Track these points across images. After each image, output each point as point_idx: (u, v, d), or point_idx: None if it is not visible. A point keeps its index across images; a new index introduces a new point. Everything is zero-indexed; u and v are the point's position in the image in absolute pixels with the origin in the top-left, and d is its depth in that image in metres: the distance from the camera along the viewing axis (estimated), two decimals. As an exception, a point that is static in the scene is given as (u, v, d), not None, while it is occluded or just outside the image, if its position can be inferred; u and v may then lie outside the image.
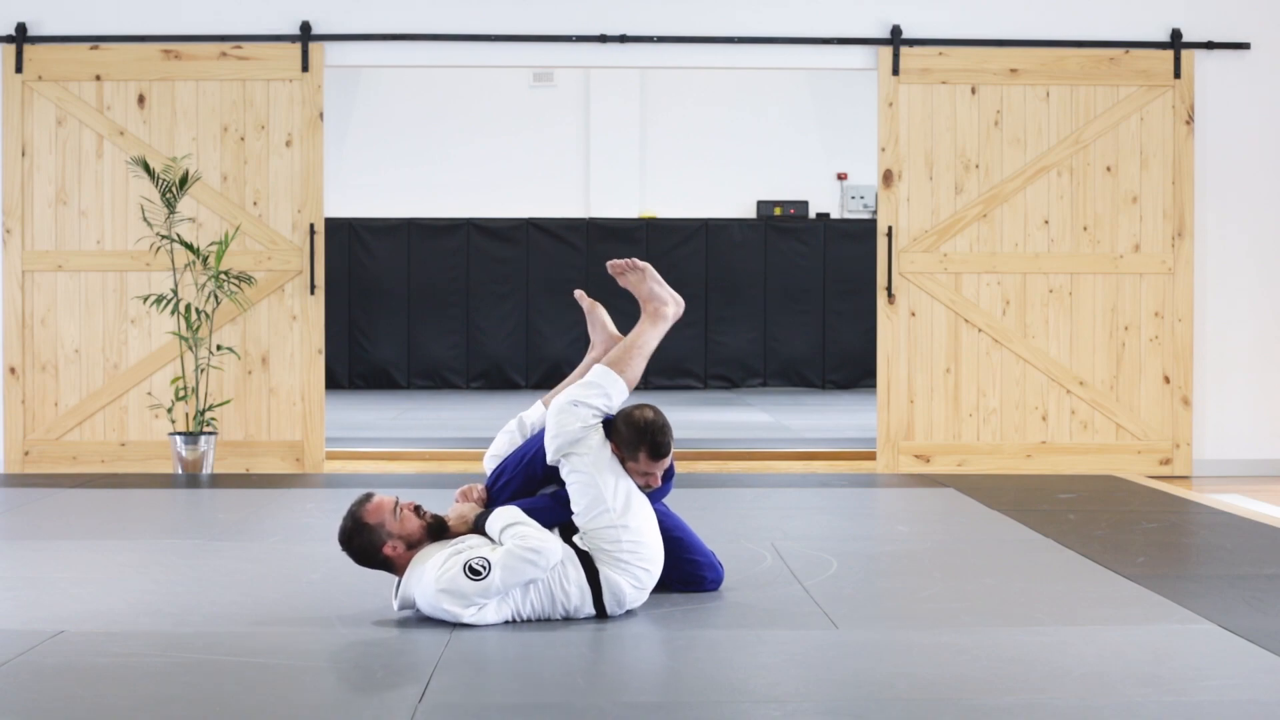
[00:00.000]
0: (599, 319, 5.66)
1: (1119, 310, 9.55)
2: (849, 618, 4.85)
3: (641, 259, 5.59)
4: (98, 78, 9.45)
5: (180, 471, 8.98)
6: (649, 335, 5.33)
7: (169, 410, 9.17)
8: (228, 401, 9.36)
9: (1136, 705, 3.88)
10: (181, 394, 9.14)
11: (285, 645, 4.53)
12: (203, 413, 9.10)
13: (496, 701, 3.94)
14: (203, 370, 9.19)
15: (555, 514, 5.01)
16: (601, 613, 4.88)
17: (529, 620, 4.80)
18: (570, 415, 5.02)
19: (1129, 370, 9.56)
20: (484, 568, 4.71)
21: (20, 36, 9.41)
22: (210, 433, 9.08)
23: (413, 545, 4.89)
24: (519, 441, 5.32)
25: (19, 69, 9.41)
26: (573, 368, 20.58)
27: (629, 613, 4.93)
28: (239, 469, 9.39)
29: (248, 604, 5.14)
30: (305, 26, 9.46)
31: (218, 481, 8.66)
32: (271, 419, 9.50)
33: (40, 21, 9.47)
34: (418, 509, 4.95)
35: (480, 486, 5.21)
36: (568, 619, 4.84)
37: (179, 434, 9.01)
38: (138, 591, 5.35)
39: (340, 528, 4.95)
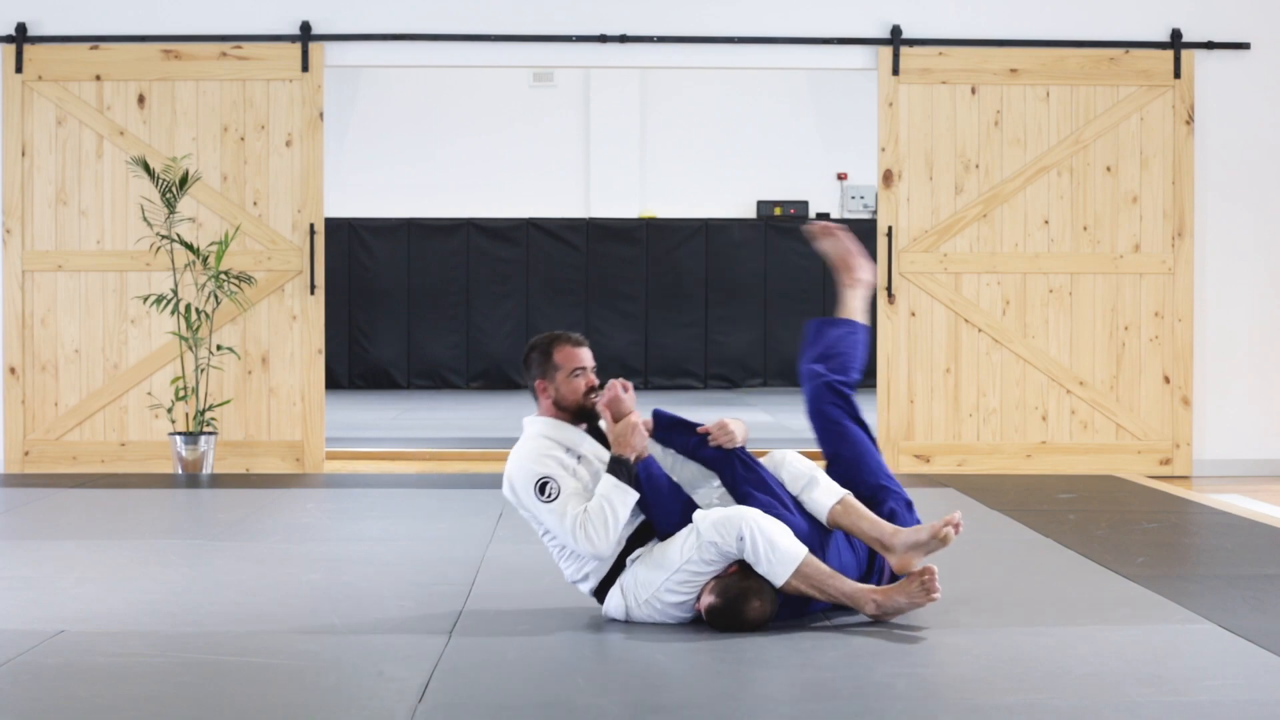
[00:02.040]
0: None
1: (1119, 310, 9.55)
2: (849, 617, 4.85)
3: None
4: (98, 78, 9.45)
5: (180, 471, 8.98)
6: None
7: (169, 410, 9.17)
8: (228, 401, 9.36)
9: (1136, 705, 3.88)
10: (181, 394, 9.14)
11: (285, 645, 4.53)
12: (203, 413, 9.10)
13: (496, 701, 3.94)
14: (203, 370, 9.19)
15: (671, 510, 4.79)
16: (599, 593, 4.85)
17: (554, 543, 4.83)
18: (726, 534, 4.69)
19: (1129, 370, 9.56)
20: (553, 496, 4.70)
21: (20, 36, 9.41)
22: (210, 433, 9.08)
23: (559, 405, 4.86)
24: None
25: (19, 69, 9.41)
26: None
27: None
28: (239, 469, 9.39)
29: (248, 604, 5.14)
30: (305, 26, 9.45)
31: (218, 481, 8.66)
32: (271, 419, 9.50)
33: (40, 21, 9.47)
34: (595, 389, 4.83)
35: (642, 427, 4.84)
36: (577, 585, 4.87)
37: (179, 434, 9.01)
38: (138, 591, 5.34)
39: (537, 338, 4.96)
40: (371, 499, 7.96)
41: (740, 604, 4.62)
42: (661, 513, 4.77)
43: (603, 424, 4.88)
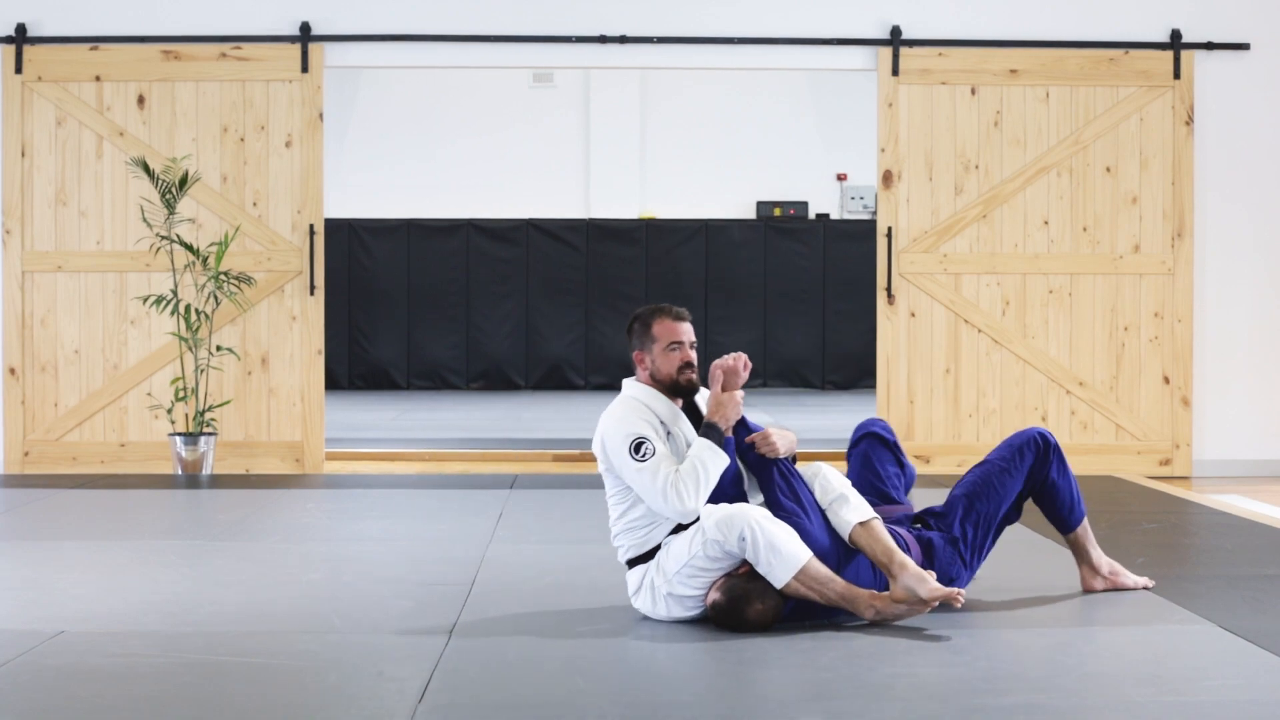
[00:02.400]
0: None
1: (1119, 310, 9.55)
2: (849, 618, 4.85)
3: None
4: (97, 78, 9.45)
5: (180, 472, 8.98)
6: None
7: (169, 411, 9.17)
8: (227, 402, 9.36)
9: (1136, 705, 3.88)
10: (181, 394, 9.14)
11: (285, 645, 4.53)
12: (202, 413, 9.10)
13: (496, 701, 3.94)
14: (202, 371, 9.19)
15: (730, 496, 4.84)
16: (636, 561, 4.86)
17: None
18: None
19: (1129, 371, 9.56)
20: (646, 456, 4.72)
21: (20, 37, 9.41)
22: (210, 433, 9.08)
23: (655, 377, 4.89)
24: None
25: (19, 69, 9.41)
26: (572, 368, 20.44)
27: (628, 612, 4.93)
28: (239, 469, 9.39)
29: (248, 604, 5.14)
30: (305, 27, 9.46)
31: (217, 482, 8.67)
32: (271, 419, 9.50)
33: (40, 22, 9.47)
34: (690, 365, 4.89)
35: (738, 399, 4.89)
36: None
37: (179, 434, 9.01)
38: (138, 591, 5.35)
39: (642, 309, 5.00)
40: (371, 499, 7.96)
41: (742, 605, 4.64)
42: (723, 496, 4.83)
43: (700, 397, 4.96)
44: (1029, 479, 5.10)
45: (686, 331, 4.93)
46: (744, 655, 4.41)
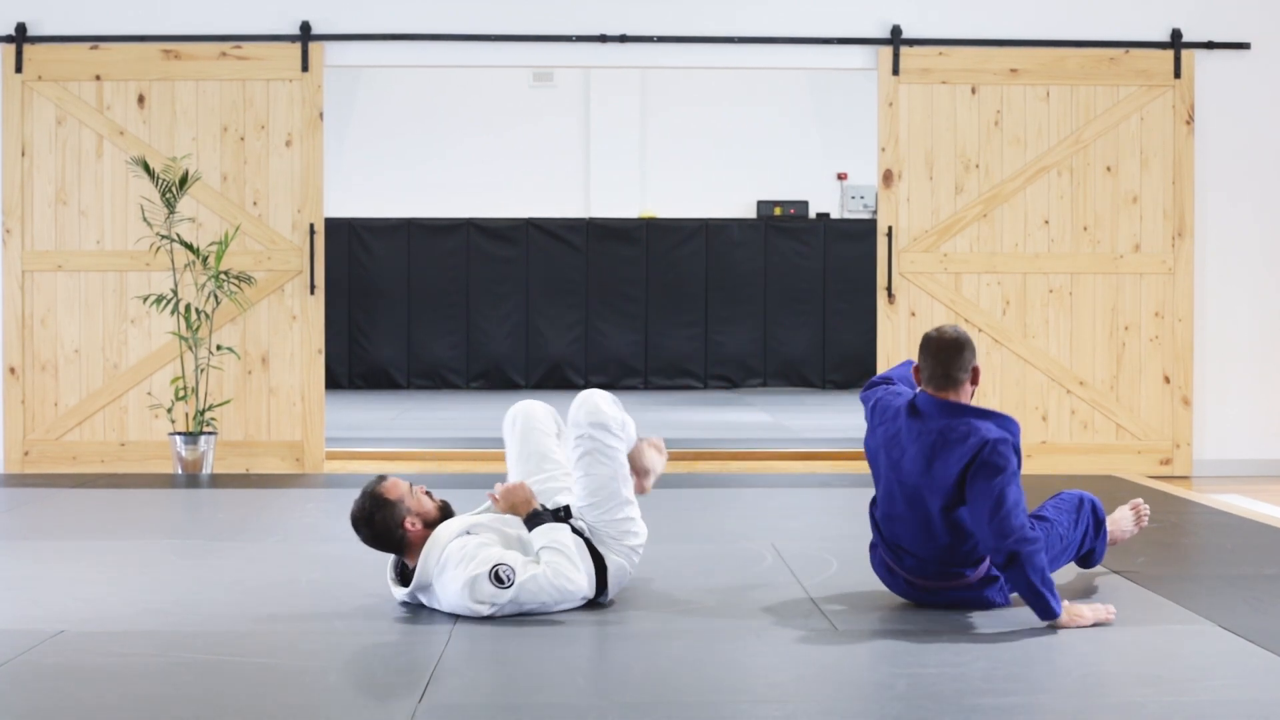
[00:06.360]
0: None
1: (1119, 310, 9.55)
2: (849, 618, 4.85)
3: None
4: (97, 78, 9.45)
5: (180, 471, 8.98)
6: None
7: (169, 410, 9.17)
8: (228, 401, 9.36)
9: (1136, 705, 3.88)
10: (181, 394, 9.14)
11: (285, 645, 4.53)
12: (202, 413, 9.10)
13: (496, 701, 3.94)
14: (202, 370, 9.19)
15: None
16: (599, 592, 4.97)
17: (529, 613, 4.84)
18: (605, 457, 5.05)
19: (1129, 370, 9.56)
20: (509, 579, 4.73)
21: (20, 36, 9.41)
22: (210, 433, 9.08)
23: (429, 524, 4.91)
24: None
25: (19, 69, 9.41)
26: (573, 368, 20.47)
27: (629, 612, 4.93)
28: (239, 469, 9.39)
29: (248, 604, 5.14)
30: (305, 26, 9.46)
31: (218, 481, 8.67)
32: (271, 419, 9.50)
33: (40, 21, 9.47)
34: (428, 492, 5.02)
35: (525, 486, 5.11)
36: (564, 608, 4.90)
37: (179, 434, 9.01)
38: (138, 591, 5.34)
39: (356, 507, 4.94)
40: (371, 499, 7.94)
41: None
42: None
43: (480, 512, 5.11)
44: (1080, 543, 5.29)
45: (419, 489, 5.02)
46: (744, 655, 4.41)
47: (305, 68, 9.44)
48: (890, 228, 9.51)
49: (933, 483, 4.79)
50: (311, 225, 9.48)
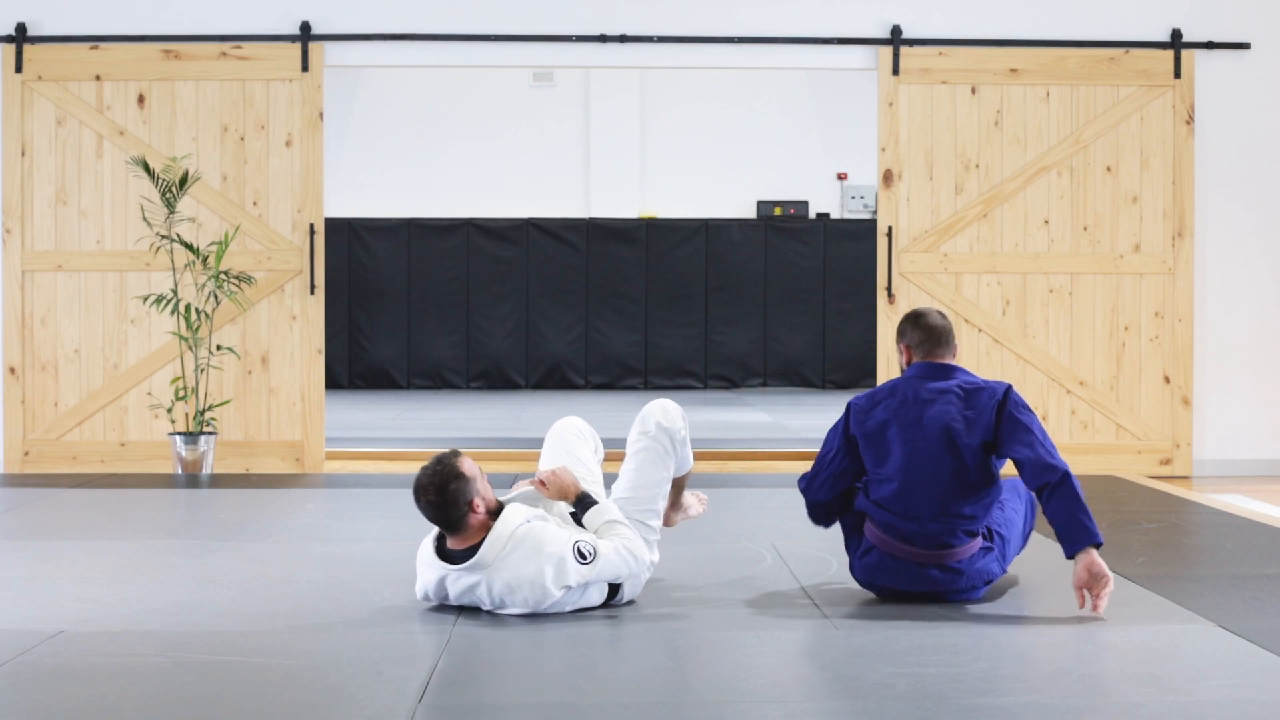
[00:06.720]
0: None
1: (1119, 310, 9.55)
2: (849, 618, 4.85)
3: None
4: (97, 78, 9.45)
5: (180, 471, 8.98)
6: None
7: (169, 410, 9.17)
8: (227, 401, 9.36)
9: (1136, 705, 3.88)
10: (181, 394, 9.14)
11: (285, 645, 4.53)
12: (202, 413, 9.10)
13: (496, 701, 3.94)
14: (202, 370, 9.19)
15: None
16: (611, 596, 4.99)
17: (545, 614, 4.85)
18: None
19: (1129, 370, 9.56)
20: (591, 555, 4.80)
21: (20, 36, 9.41)
22: (210, 433, 9.08)
23: (490, 513, 4.87)
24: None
25: (19, 69, 9.41)
26: (573, 368, 20.50)
27: (629, 612, 4.93)
28: (239, 469, 9.39)
29: (248, 604, 5.14)
30: (305, 26, 9.45)
31: (218, 481, 8.66)
32: (271, 419, 9.50)
33: (40, 21, 9.47)
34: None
35: (569, 470, 5.14)
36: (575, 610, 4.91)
37: (179, 434, 9.01)
38: (138, 591, 5.34)
39: (430, 472, 4.75)
40: (371, 499, 7.95)
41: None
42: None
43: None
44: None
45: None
46: (744, 654, 4.41)
47: (305, 68, 9.44)
48: (890, 228, 9.51)
49: (978, 416, 4.97)
50: (311, 225, 9.48)
